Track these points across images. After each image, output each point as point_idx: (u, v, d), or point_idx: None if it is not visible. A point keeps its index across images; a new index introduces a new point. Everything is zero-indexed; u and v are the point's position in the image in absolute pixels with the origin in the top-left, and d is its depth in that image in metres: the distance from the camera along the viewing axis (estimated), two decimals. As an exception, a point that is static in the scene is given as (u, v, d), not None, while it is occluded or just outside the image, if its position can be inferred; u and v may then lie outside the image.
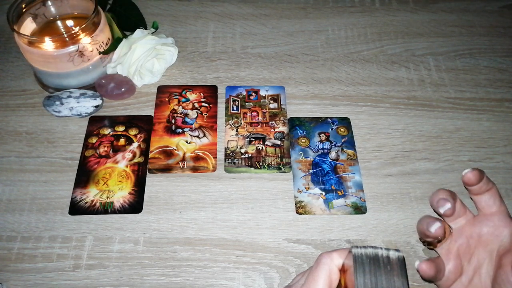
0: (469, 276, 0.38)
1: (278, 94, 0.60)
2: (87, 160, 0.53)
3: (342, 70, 0.63)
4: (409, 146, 0.55)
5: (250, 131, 0.56)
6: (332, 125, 0.57)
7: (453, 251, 0.39)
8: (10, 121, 0.57)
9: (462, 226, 0.39)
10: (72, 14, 0.59)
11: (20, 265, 0.46)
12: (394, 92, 0.61)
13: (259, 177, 0.53)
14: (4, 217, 0.49)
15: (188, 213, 0.50)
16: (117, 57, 0.59)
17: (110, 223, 0.49)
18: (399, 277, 0.27)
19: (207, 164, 0.53)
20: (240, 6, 0.71)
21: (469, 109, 0.59)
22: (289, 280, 0.45)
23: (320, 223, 0.49)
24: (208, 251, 0.47)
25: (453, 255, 0.39)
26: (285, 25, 0.69)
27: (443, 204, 0.37)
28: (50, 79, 0.57)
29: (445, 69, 0.63)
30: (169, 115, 0.58)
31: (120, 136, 0.56)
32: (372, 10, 0.71)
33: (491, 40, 0.67)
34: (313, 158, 0.54)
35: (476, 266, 0.38)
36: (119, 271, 0.46)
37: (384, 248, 0.28)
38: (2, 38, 0.66)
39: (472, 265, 0.38)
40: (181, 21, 0.69)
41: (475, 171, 0.37)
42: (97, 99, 0.57)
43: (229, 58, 0.64)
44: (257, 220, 0.49)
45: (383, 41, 0.67)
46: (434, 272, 0.37)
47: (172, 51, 0.61)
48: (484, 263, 0.38)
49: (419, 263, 0.37)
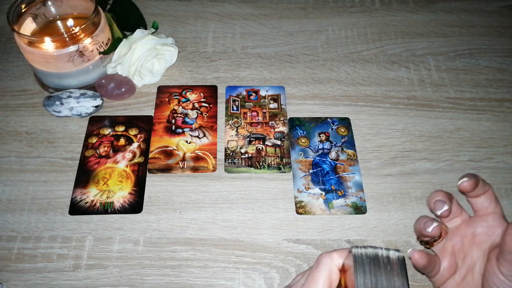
0: (462, 274, 0.39)
1: (278, 94, 0.60)
2: (87, 160, 0.53)
3: (342, 70, 0.63)
4: (409, 146, 0.55)
5: (250, 131, 0.56)
6: (332, 125, 0.57)
7: (448, 249, 0.40)
8: (10, 121, 0.57)
9: (457, 226, 0.40)
10: (72, 14, 0.59)
11: (20, 265, 0.46)
12: (394, 92, 0.61)
13: (259, 177, 0.53)
14: (4, 217, 0.49)
15: (188, 213, 0.50)
16: (117, 57, 0.59)
17: (110, 223, 0.49)
18: (399, 277, 0.27)
19: (207, 164, 0.53)
20: (240, 6, 0.71)
21: (469, 109, 0.59)
22: (289, 280, 0.45)
23: (320, 223, 0.49)
24: (208, 251, 0.47)
25: (448, 253, 0.40)
26: (285, 25, 0.69)
27: (440, 206, 0.38)
28: (50, 79, 0.57)
29: (445, 69, 0.63)
30: (169, 115, 0.58)
31: (120, 136, 0.56)
32: (372, 10, 0.71)
33: (491, 40, 0.67)
34: (313, 158, 0.54)
35: (469, 265, 0.39)
36: (119, 271, 0.46)
37: (384, 248, 0.28)
38: (2, 38, 0.66)
39: (466, 263, 0.39)
40: (181, 21, 0.69)
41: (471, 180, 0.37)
42: (97, 99, 0.57)
43: (229, 58, 0.64)
44: (257, 220, 0.49)
45: (383, 41, 0.67)
46: (425, 262, 0.37)
47: (172, 51, 0.61)
48: (477, 261, 0.39)
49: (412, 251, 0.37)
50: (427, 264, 0.37)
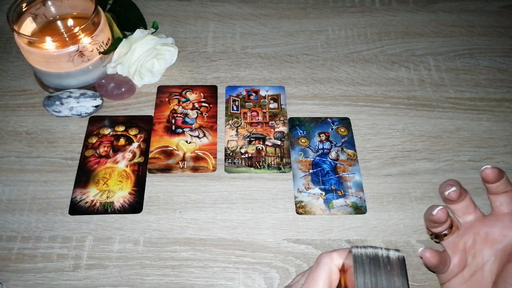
0: (471, 271, 0.39)
1: (278, 94, 0.60)
2: (87, 160, 0.53)
3: (342, 70, 0.63)
4: (409, 146, 0.55)
5: (250, 131, 0.56)
6: (332, 125, 0.57)
7: (459, 246, 0.40)
8: (10, 121, 0.57)
9: (470, 223, 0.40)
10: (72, 14, 0.59)
11: (20, 265, 0.46)
12: (394, 92, 0.61)
13: (259, 177, 0.53)
14: (4, 217, 0.49)
15: (188, 213, 0.50)
16: (117, 57, 0.59)
17: (110, 223, 0.49)
18: (399, 277, 0.27)
19: (207, 164, 0.53)
20: (240, 6, 0.71)
21: (469, 109, 0.59)
22: (289, 280, 0.45)
23: (320, 223, 0.49)
24: (208, 251, 0.47)
25: (458, 250, 0.40)
26: (285, 25, 0.69)
27: (449, 187, 0.38)
28: (50, 79, 0.57)
29: (445, 69, 0.63)
30: (169, 115, 0.58)
31: (120, 136, 0.56)
32: (372, 10, 0.71)
33: (491, 40, 0.67)
34: (313, 158, 0.54)
35: (480, 263, 0.39)
36: (119, 271, 0.46)
37: (384, 248, 0.28)
38: (2, 38, 0.66)
39: (476, 261, 0.39)
40: (181, 21, 0.69)
41: (495, 169, 0.38)
42: (97, 99, 0.57)
43: (229, 58, 0.64)
44: (257, 220, 0.49)
45: (383, 41, 0.67)
46: (437, 261, 0.37)
47: (172, 51, 0.61)
48: (489, 260, 0.38)
49: (423, 250, 0.37)
50: (438, 263, 0.37)
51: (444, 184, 0.39)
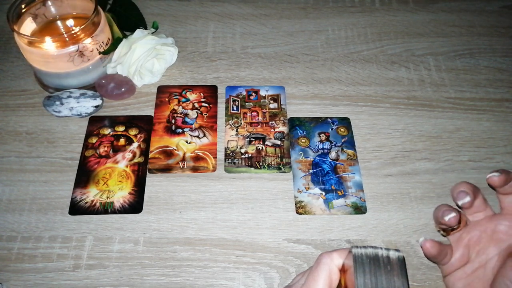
0: (473, 267, 0.39)
1: (278, 94, 0.60)
2: (87, 160, 0.53)
3: (342, 70, 0.63)
4: (409, 146, 0.55)
5: (250, 131, 0.56)
6: (332, 125, 0.57)
7: (464, 240, 0.40)
8: (10, 121, 0.57)
9: (479, 220, 0.41)
10: (72, 14, 0.59)
11: (20, 265, 0.46)
12: (394, 92, 0.61)
13: (259, 177, 0.53)
14: (4, 217, 0.49)
15: (188, 213, 0.50)
16: (117, 57, 0.59)
17: (110, 223, 0.49)
18: (399, 277, 0.27)
19: (207, 164, 0.53)
20: (240, 6, 0.71)
21: (469, 109, 0.59)
22: (289, 280, 0.45)
23: (320, 223, 0.49)
24: (208, 251, 0.47)
25: (463, 245, 0.40)
26: (285, 25, 0.69)
27: (462, 197, 0.38)
28: (50, 79, 0.57)
29: (445, 69, 0.63)
30: (169, 115, 0.58)
31: (120, 136, 0.56)
32: (372, 10, 0.71)
33: (491, 40, 0.67)
34: (313, 158, 0.54)
35: (483, 260, 0.39)
36: (119, 271, 0.46)
37: (384, 248, 0.28)
38: (2, 38, 0.66)
39: (480, 257, 0.39)
40: (181, 21, 0.69)
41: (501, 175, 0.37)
42: (97, 99, 0.57)
43: (229, 58, 0.64)
44: (257, 220, 0.49)
45: (383, 41, 0.67)
46: (436, 252, 0.37)
47: (172, 51, 0.61)
48: (492, 259, 0.39)
49: (424, 240, 0.37)
50: (437, 253, 0.38)
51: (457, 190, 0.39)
